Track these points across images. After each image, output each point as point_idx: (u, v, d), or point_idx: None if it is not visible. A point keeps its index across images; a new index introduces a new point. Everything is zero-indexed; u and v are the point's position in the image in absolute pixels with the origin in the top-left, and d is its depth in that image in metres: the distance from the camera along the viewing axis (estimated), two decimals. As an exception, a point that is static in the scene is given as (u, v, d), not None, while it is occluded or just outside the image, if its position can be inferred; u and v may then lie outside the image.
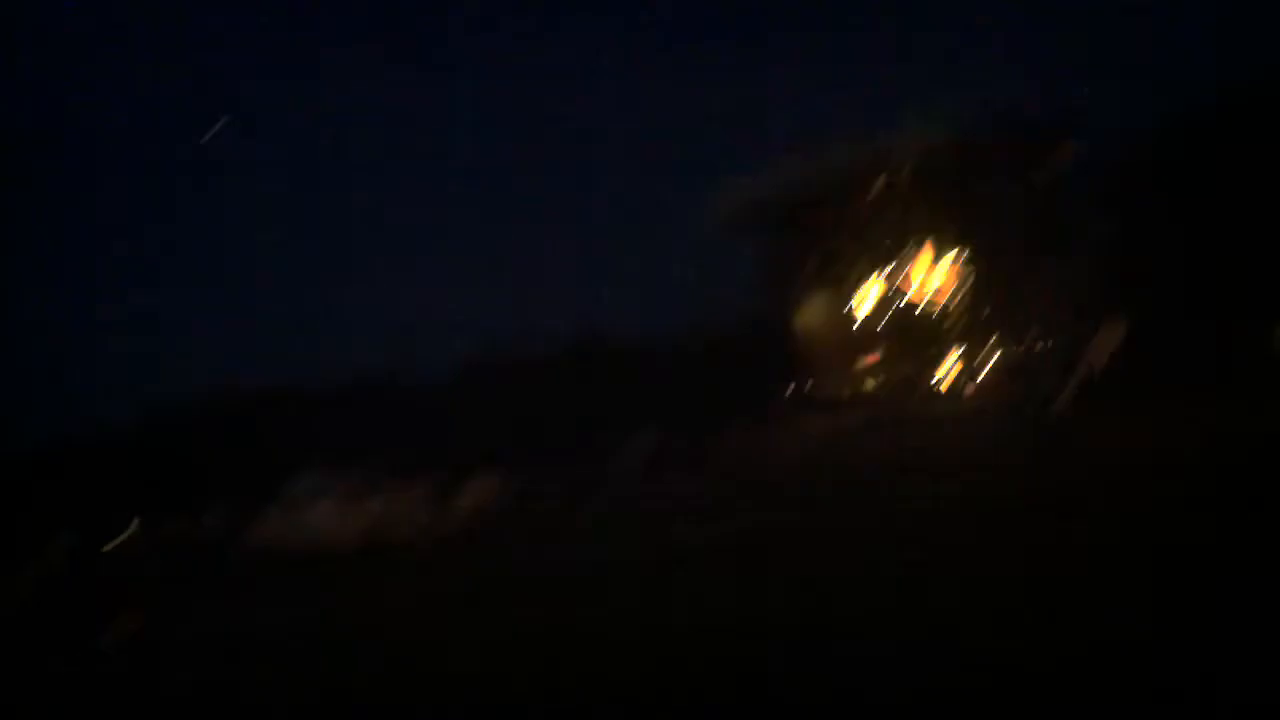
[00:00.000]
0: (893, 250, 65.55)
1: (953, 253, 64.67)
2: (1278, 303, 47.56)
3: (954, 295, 63.62)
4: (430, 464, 34.75)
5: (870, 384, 63.14)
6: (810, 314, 67.10)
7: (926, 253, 65.62)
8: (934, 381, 62.58)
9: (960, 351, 63.87)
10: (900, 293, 65.64)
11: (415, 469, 35.35)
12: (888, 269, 66.45)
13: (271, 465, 45.09)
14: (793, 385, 65.15)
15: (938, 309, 64.08)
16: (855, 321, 65.55)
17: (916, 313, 64.24)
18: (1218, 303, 51.55)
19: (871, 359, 63.87)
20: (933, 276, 65.35)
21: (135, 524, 36.50)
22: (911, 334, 64.73)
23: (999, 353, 61.74)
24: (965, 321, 62.77)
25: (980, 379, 59.91)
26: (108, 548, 35.84)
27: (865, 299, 67.49)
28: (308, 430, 60.19)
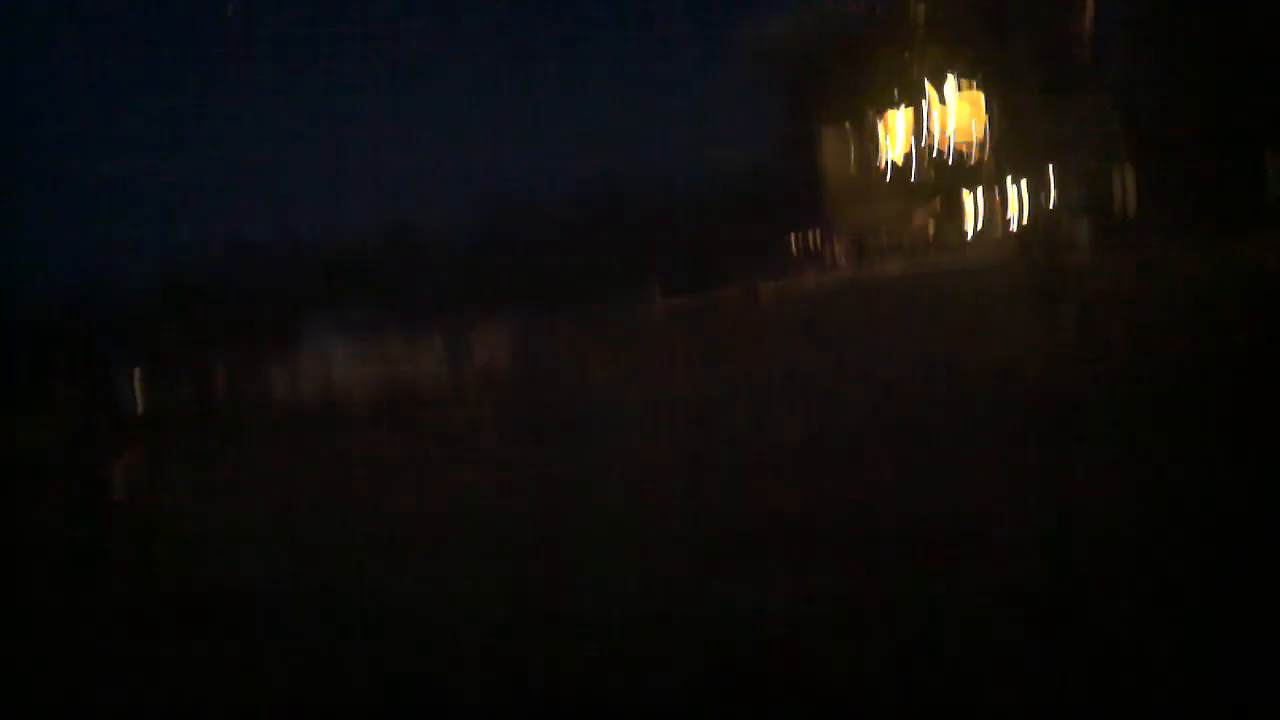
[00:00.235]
0: (913, 89, 64.18)
1: (972, 90, 63.28)
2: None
3: (974, 136, 62.50)
4: (441, 316, 34.77)
5: (891, 232, 62.53)
6: (827, 159, 66.14)
7: (947, 91, 64.27)
8: (953, 228, 61.95)
9: (981, 195, 63.05)
10: (921, 135, 64.48)
11: (426, 321, 35.39)
12: (907, 109, 65.16)
13: (284, 318, 45.26)
14: (809, 235, 64.63)
15: (957, 152, 63.00)
16: (875, 167, 64.60)
17: (936, 157, 63.24)
18: (1240, 139, 50.55)
19: (892, 206, 63.16)
20: (953, 116, 64.07)
21: (146, 374, 36.77)
22: (931, 180, 63.82)
23: (1020, 196, 60.96)
24: (986, 164, 61.83)
25: (1000, 224, 59.26)
26: (121, 397, 36.15)
27: (885, 142, 66.37)
28: (319, 284, 60.33)
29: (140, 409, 31.93)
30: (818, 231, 64.22)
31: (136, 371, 38.10)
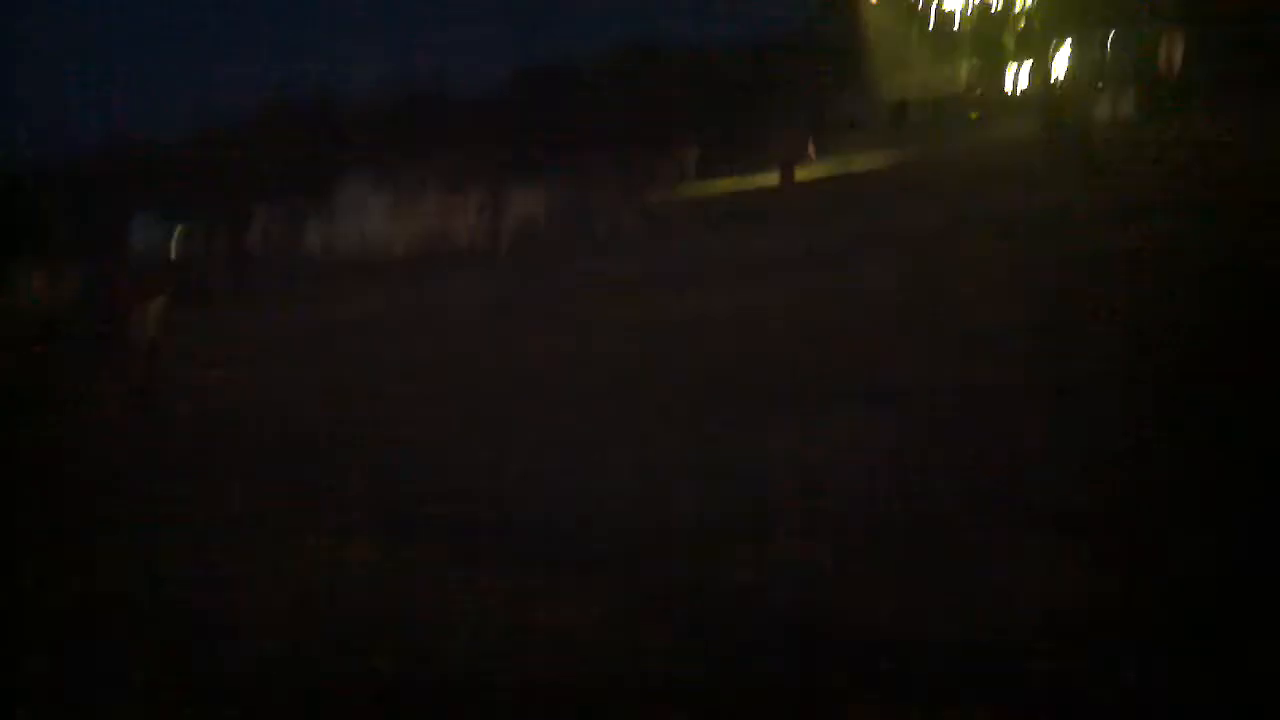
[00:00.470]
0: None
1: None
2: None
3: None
4: (479, 173, 34.61)
5: (937, 98, 61.09)
6: (871, 22, 64.38)
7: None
8: (998, 92, 60.40)
9: (1031, 59, 61.29)
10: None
11: (464, 178, 35.26)
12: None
13: (323, 172, 45.13)
14: (851, 103, 63.30)
15: (1007, 14, 61.09)
16: (921, 30, 62.84)
17: (986, 18, 61.29)
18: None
19: (938, 72, 61.52)
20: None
21: (186, 226, 36.85)
22: (981, 43, 61.97)
23: (1071, 57, 59.20)
24: (1035, 27, 59.98)
25: (1047, 85, 57.56)
26: (161, 248, 36.25)
27: (933, 4, 64.43)
28: (358, 138, 59.92)
29: (174, 256, 32.03)
30: (860, 99, 62.88)
31: (171, 221, 38.09)
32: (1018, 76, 60.61)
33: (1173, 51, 28.70)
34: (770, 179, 27.14)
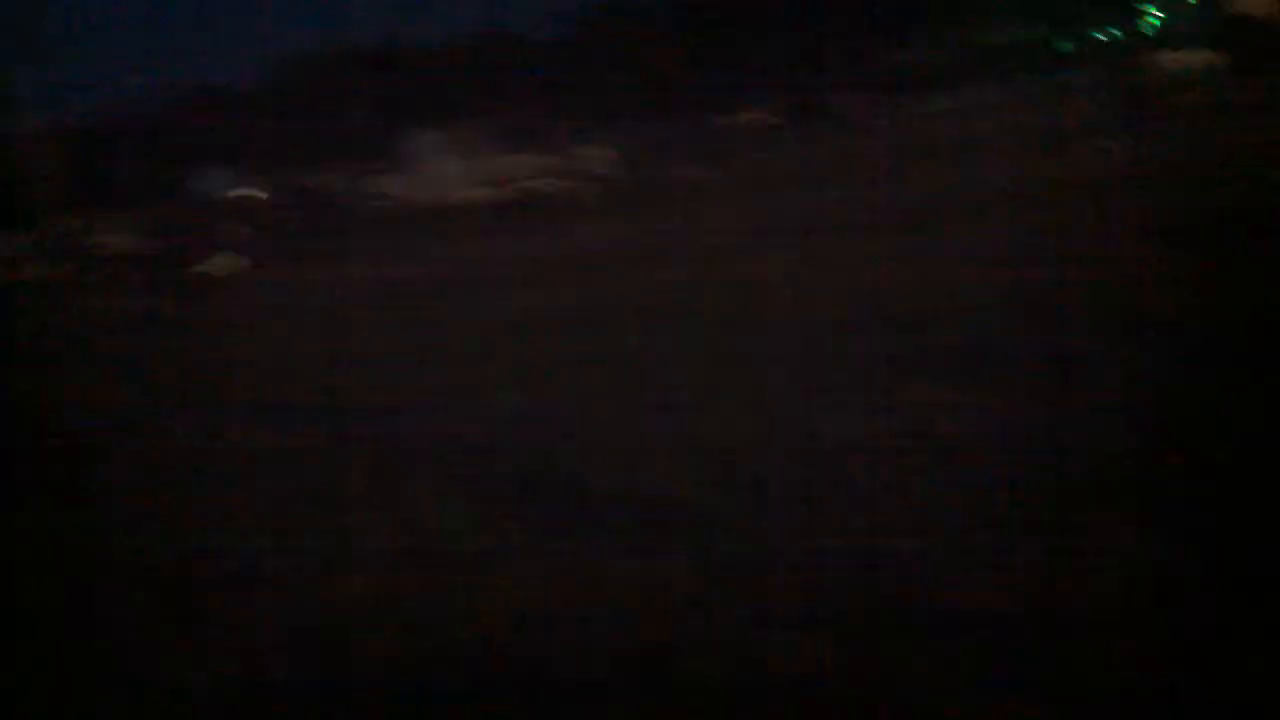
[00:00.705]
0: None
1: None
2: None
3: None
4: (549, 125, 34.30)
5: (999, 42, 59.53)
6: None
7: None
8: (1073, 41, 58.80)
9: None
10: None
11: (534, 130, 34.96)
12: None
13: (391, 123, 44.97)
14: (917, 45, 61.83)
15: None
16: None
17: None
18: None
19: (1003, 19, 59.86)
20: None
21: (261, 176, 37.09)
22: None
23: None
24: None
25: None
26: (232, 195, 36.57)
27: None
28: (427, 90, 59.78)
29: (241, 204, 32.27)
30: (926, 42, 61.47)
31: (239, 169, 38.43)
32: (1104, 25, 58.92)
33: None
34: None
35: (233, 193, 34.38)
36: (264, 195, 32.67)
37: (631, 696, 3.48)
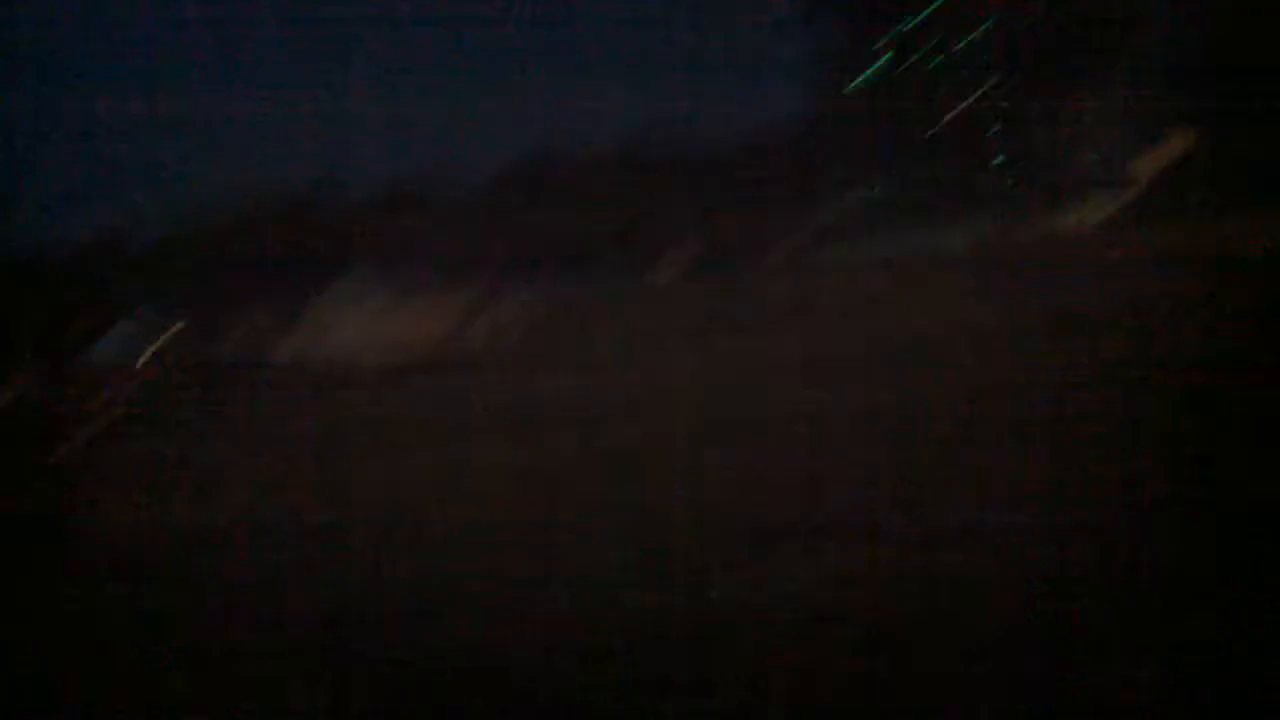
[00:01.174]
0: (958, 31, 62.19)
1: (1022, 39, 61.39)
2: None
3: (1022, 89, 60.64)
4: (463, 278, 33.99)
5: (927, 192, 60.91)
6: (866, 115, 64.43)
7: (995, 32, 62.29)
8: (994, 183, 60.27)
9: (1024, 154, 61.38)
10: (970, 93, 62.56)
11: (447, 282, 34.63)
12: (953, 66, 63.39)
13: (300, 273, 44.46)
14: (846, 197, 63.26)
15: (1002, 106, 61.17)
16: (917, 123, 62.85)
17: (977, 109, 61.34)
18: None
19: (929, 167, 61.49)
20: (998, 72, 62.22)
21: (162, 330, 36.03)
22: (974, 135, 61.98)
23: (1059, 155, 59.38)
24: (1040, 122, 60.09)
25: (1048, 180, 57.58)
26: (134, 352, 35.54)
27: (928, 99, 64.57)
28: (337, 239, 59.57)
29: (142, 361, 31.33)
30: (856, 193, 62.88)
31: (142, 321, 37.45)
32: (1020, 171, 60.92)
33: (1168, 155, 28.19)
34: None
35: (127, 349, 33.36)
36: (158, 350, 31.69)
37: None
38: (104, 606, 7.79)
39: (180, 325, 37.05)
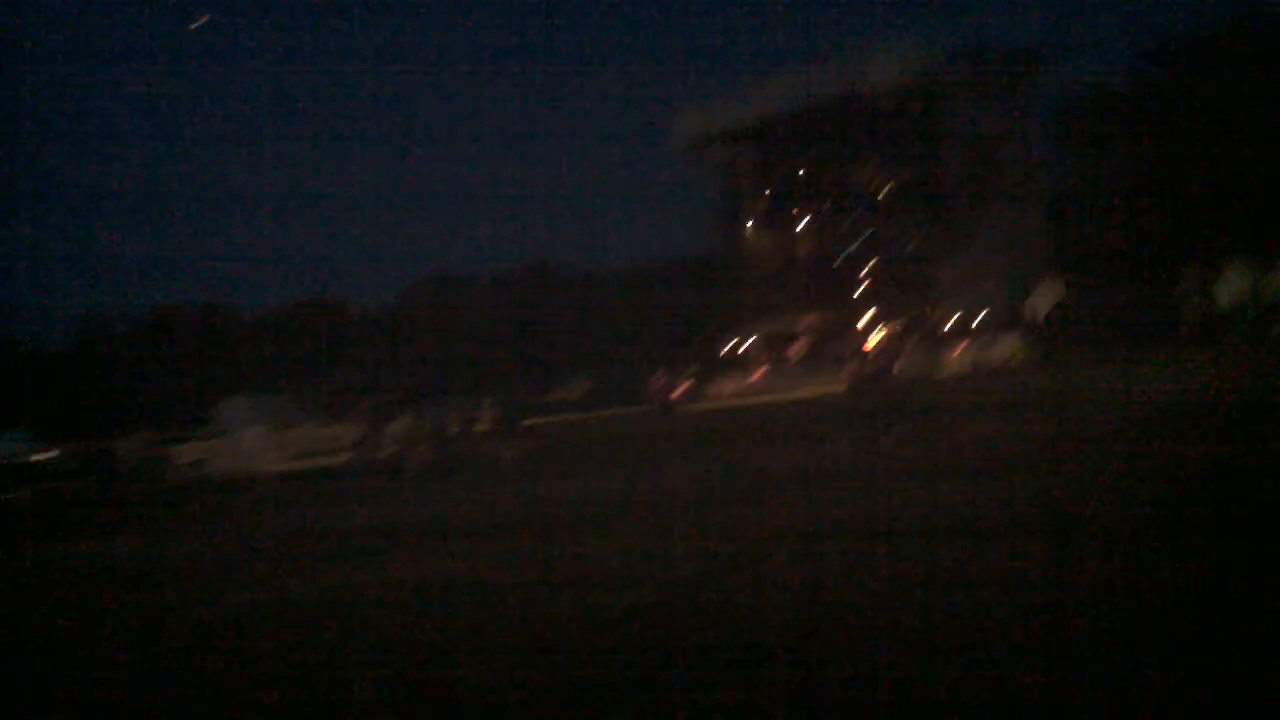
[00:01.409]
0: (847, 195, 65.35)
1: (904, 198, 64.44)
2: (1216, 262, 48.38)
3: (903, 245, 63.58)
4: (363, 395, 34.34)
5: (815, 342, 63.10)
6: (755, 262, 66.63)
7: (881, 198, 65.44)
8: (879, 338, 62.53)
9: (909, 305, 63.91)
10: (851, 241, 65.43)
11: (347, 399, 34.96)
12: (839, 214, 66.30)
13: (201, 389, 44.38)
14: (730, 340, 65.02)
15: (886, 260, 64.01)
16: (802, 272, 65.43)
17: (866, 265, 64.12)
18: (1164, 261, 52.10)
19: (817, 314, 63.70)
20: (885, 224, 65.26)
21: (58, 445, 35.64)
22: (860, 288, 64.67)
23: (944, 305, 61.88)
24: (912, 274, 62.86)
25: (923, 333, 60.01)
26: (30, 463, 35.07)
27: (815, 247, 67.38)
28: (239, 356, 59.37)
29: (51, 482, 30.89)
30: (739, 337, 64.75)
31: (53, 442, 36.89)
32: (903, 322, 63.30)
33: (1054, 302, 29.93)
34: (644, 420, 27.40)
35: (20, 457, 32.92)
36: (51, 459, 31.39)
37: None
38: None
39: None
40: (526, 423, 27.14)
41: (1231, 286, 47.96)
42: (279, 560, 13.48)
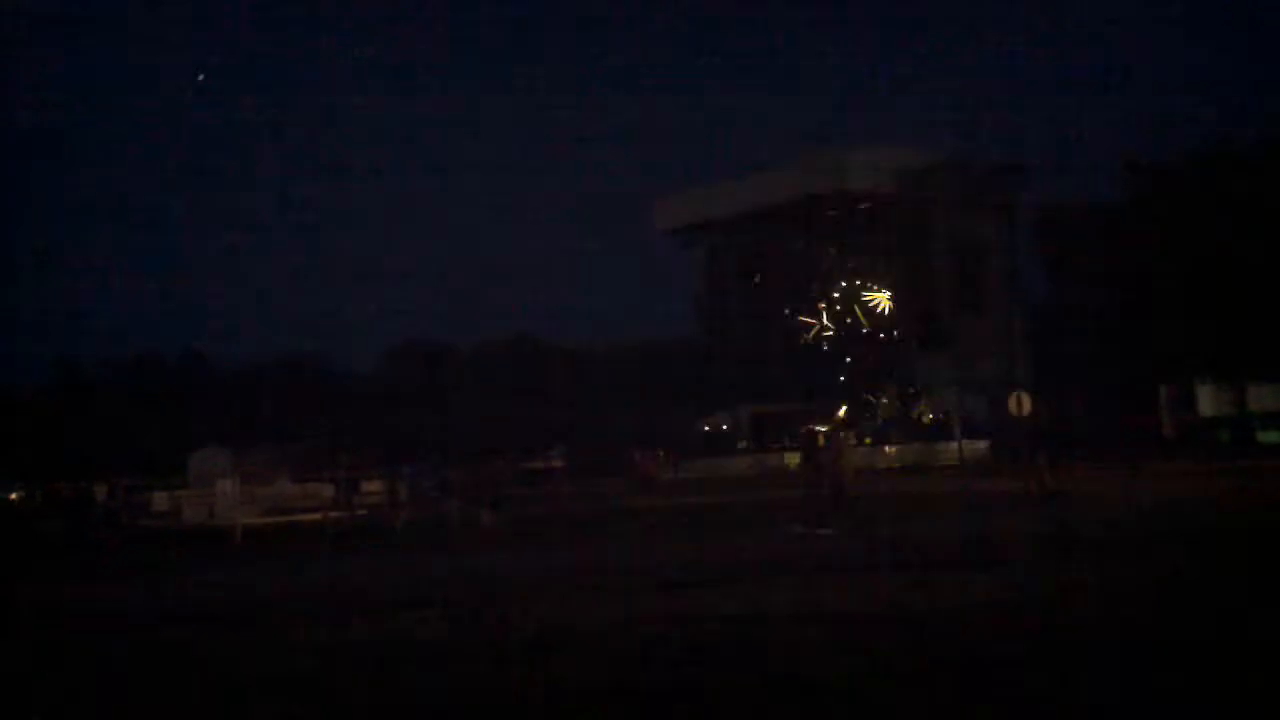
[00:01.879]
0: (829, 291, 66.31)
1: (887, 297, 65.33)
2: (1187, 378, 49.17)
3: (884, 341, 64.32)
4: (339, 456, 34.28)
5: (793, 426, 63.48)
6: (737, 347, 67.21)
7: (860, 287, 66.34)
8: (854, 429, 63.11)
9: (884, 399, 64.49)
10: (830, 334, 66.17)
11: (322, 458, 34.93)
12: (821, 308, 67.17)
13: (179, 440, 44.21)
14: (709, 419, 65.37)
15: (866, 354, 64.69)
16: (784, 360, 66.06)
17: (846, 358, 64.80)
18: (1142, 374, 52.86)
19: (795, 401, 64.20)
20: (867, 321, 66.11)
21: (26, 490, 35.64)
22: (837, 378, 65.26)
23: (922, 400, 62.42)
24: (893, 369, 63.52)
25: (897, 426, 60.51)
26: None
27: (796, 337, 68.16)
28: (221, 410, 59.29)
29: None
30: (717, 417, 65.13)
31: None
32: (877, 413, 63.93)
33: (1028, 408, 30.47)
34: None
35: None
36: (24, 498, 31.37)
37: None
38: None
39: None
40: (503, 492, 27.23)
41: (1208, 402, 48.60)
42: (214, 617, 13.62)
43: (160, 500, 33.65)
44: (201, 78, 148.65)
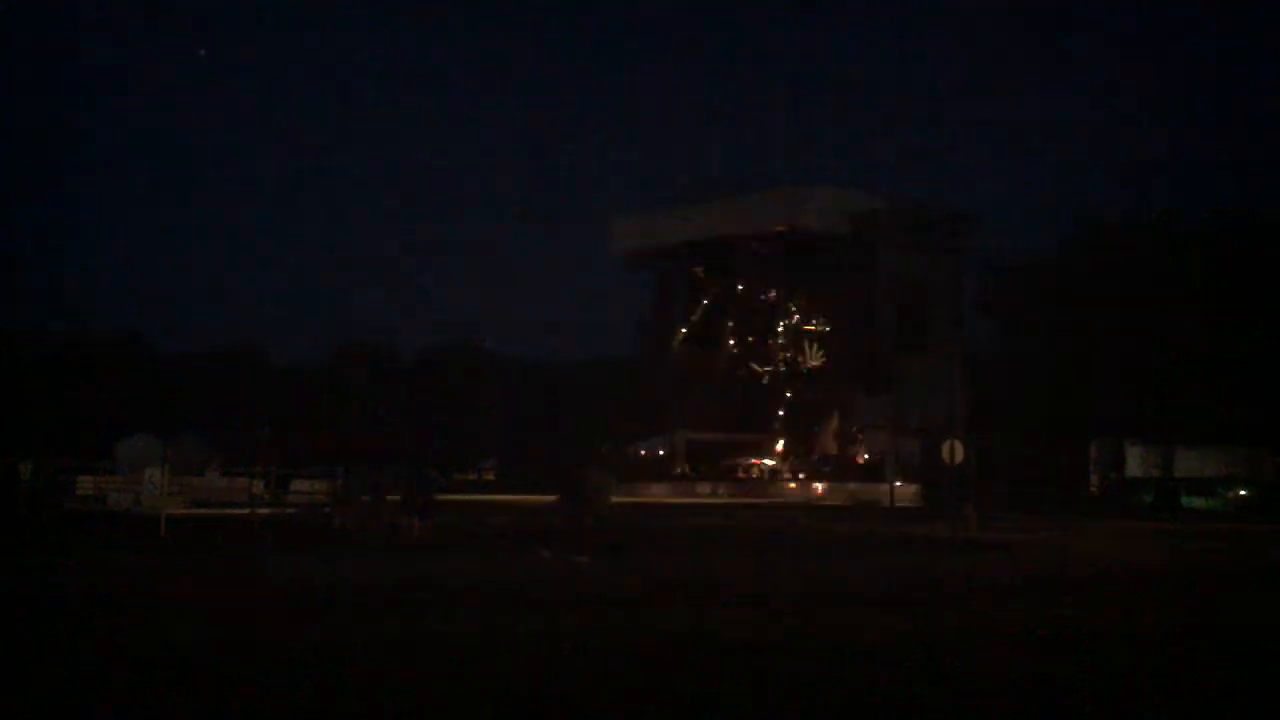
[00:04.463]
0: (774, 326, 66.89)
1: (830, 336, 65.98)
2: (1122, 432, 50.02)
3: (825, 379, 64.95)
4: (275, 450, 34.02)
5: (729, 458, 63.84)
6: (684, 376, 67.54)
7: (804, 319, 67.01)
8: (791, 463, 63.52)
9: (822, 436, 65.06)
10: (773, 369, 66.71)
11: (258, 452, 34.64)
12: (766, 342, 67.69)
13: (105, 422, 43.73)
14: (653, 445, 65.55)
15: (806, 391, 65.26)
16: (728, 392, 66.54)
17: (787, 393, 65.33)
18: (1077, 427, 53.69)
19: (736, 432, 64.54)
20: (809, 358, 66.72)
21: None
22: (778, 412, 65.75)
23: (861, 439, 62.99)
24: (832, 407, 64.14)
25: (834, 464, 61.03)
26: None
27: (738, 370, 68.62)
28: (148, 392, 58.45)
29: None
30: (661, 443, 65.37)
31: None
32: (813, 448, 64.56)
33: (961, 456, 30.90)
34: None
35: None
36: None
37: None
38: None
39: None
40: (438, 498, 26.96)
41: (1136, 462, 49.33)
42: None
43: (85, 483, 33.18)
44: (203, 53, 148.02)
